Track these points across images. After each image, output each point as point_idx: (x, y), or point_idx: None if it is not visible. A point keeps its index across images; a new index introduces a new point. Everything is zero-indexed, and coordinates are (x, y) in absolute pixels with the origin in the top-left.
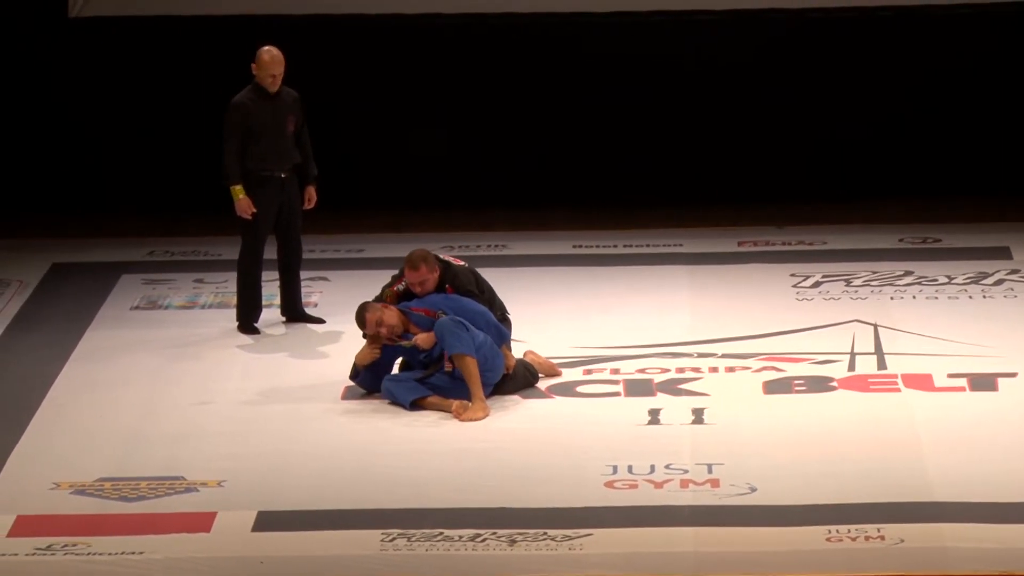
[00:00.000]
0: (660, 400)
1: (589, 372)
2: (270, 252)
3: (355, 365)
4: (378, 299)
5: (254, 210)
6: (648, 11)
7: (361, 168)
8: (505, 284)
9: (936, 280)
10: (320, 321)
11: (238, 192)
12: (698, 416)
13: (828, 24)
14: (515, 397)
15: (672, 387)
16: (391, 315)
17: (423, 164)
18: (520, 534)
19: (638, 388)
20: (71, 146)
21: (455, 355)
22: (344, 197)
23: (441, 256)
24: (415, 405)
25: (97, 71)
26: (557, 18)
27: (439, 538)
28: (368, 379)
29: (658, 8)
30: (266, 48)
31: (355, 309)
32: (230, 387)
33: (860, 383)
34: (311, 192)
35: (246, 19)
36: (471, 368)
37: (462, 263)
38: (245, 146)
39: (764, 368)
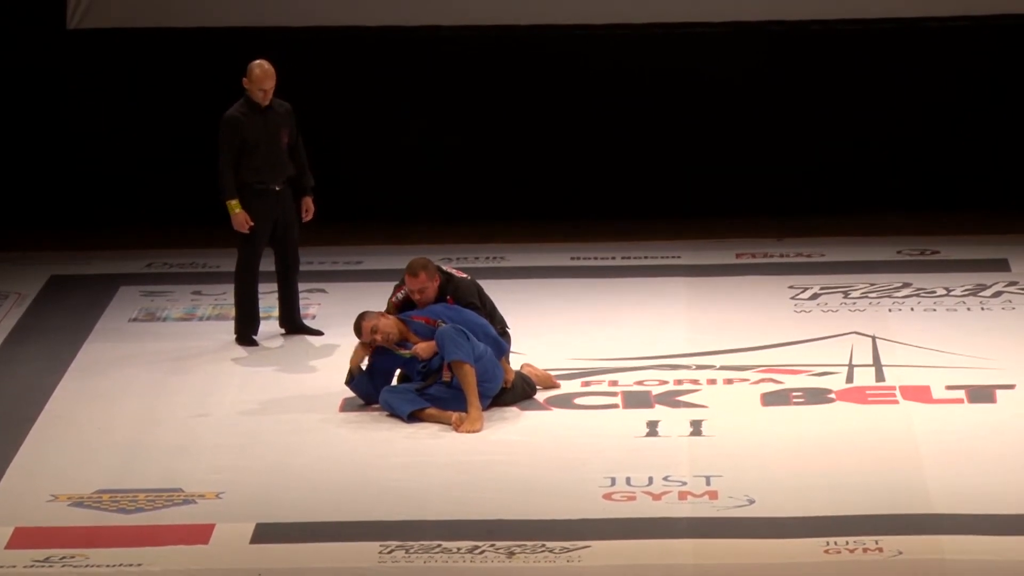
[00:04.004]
0: (658, 412)
1: (587, 384)
2: (268, 264)
3: (350, 370)
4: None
5: (251, 224)
6: (647, 24)
7: (360, 180)
8: (503, 296)
9: (934, 292)
10: (318, 333)
11: (234, 207)
12: (696, 428)
13: (827, 37)
14: (513, 409)
15: (670, 399)
16: (387, 323)
17: (422, 176)
18: (518, 546)
19: (636, 400)
20: (69, 158)
21: (454, 362)
22: (343, 209)
23: (444, 268)
24: (413, 417)
25: (95, 83)
26: (556, 31)
27: (437, 550)
28: (364, 385)
29: (657, 21)
30: (257, 62)
31: (352, 322)
32: (228, 399)
33: (858, 395)
34: (308, 203)
35: (245, 31)
36: (469, 377)
37: (465, 275)
38: (239, 160)
39: (762, 380)
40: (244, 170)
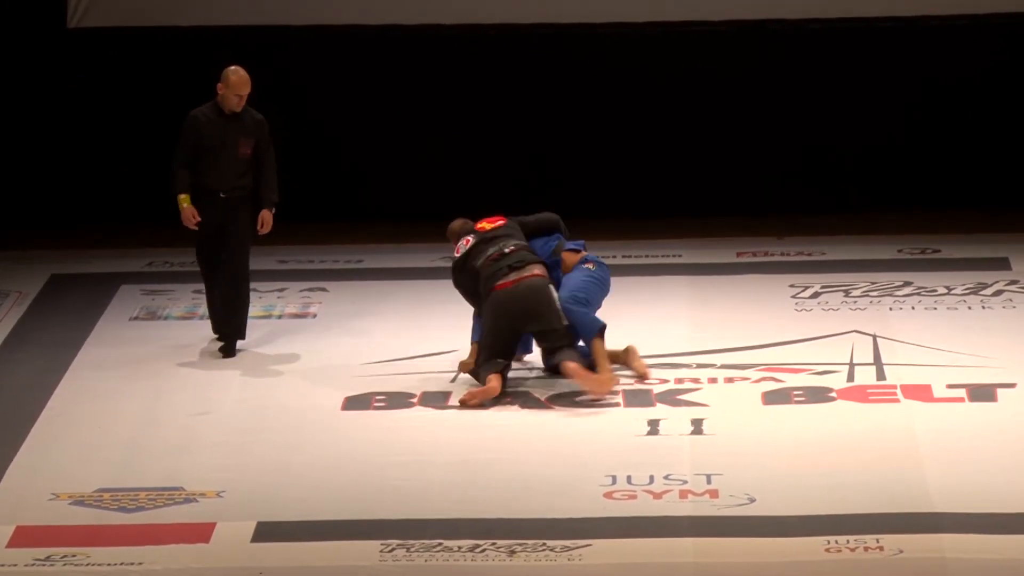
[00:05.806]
0: (659, 410)
1: None
2: (264, 263)
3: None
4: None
5: (199, 219)
6: (647, 22)
7: (360, 179)
8: None
9: (935, 291)
10: (231, 354)
11: (182, 201)
12: (697, 426)
13: (827, 35)
14: (514, 407)
15: (671, 398)
16: None
17: (422, 174)
18: (519, 544)
19: (637, 398)
20: (70, 157)
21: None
22: (342, 208)
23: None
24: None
25: (96, 81)
26: (556, 29)
27: (438, 548)
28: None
29: (657, 19)
30: (233, 68)
31: (353, 321)
32: (229, 397)
33: (859, 394)
34: (265, 216)
35: (245, 30)
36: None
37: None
38: (196, 159)
39: (763, 379)
40: (195, 171)
